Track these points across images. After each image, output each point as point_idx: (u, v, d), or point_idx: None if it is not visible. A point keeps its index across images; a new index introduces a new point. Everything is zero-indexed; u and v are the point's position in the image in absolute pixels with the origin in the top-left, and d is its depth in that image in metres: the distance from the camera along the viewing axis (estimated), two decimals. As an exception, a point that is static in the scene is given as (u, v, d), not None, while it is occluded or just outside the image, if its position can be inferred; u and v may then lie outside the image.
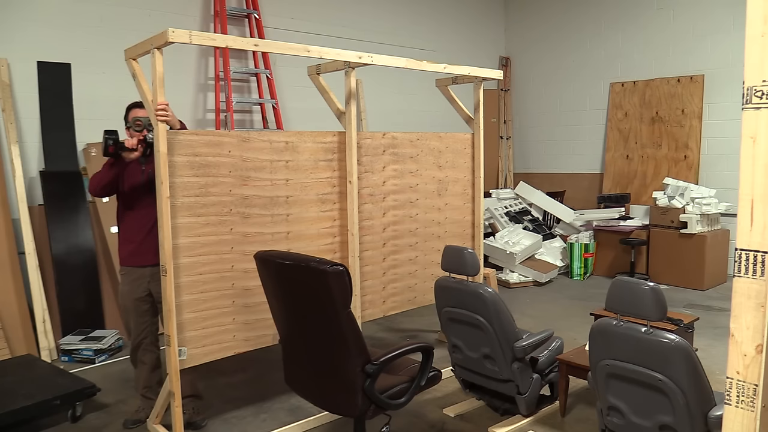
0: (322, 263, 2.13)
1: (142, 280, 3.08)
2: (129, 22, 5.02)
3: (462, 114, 4.19)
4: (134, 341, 3.17)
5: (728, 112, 6.29)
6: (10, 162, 4.41)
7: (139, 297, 3.09)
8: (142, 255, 3.06)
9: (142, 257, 3.07)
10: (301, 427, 3.11)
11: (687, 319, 3.52)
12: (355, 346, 2.21)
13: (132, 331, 3.17)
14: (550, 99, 8.05)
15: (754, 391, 1.21)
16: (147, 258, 3.04)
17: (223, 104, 5.54)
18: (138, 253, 3.07)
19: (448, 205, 4.11)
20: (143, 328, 3.15)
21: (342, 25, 6.50)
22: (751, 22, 1.16)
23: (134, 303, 3.10)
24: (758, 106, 1.17)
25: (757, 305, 1.19)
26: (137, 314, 3.12)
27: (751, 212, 1.19)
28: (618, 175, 7.22)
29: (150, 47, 2.59)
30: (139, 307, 3.11)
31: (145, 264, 3.06)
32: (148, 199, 2.99)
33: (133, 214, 3.09)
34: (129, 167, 3.04)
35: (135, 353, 3.20)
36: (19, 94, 4.56)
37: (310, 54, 2.94)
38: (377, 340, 4.52)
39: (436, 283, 3.10)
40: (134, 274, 3.09)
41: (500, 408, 3.19)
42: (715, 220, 6.04)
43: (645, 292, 2.12)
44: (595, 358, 2.32)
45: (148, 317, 3.15)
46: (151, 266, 3.03)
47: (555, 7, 7.88)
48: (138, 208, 3.07)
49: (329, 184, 3.43)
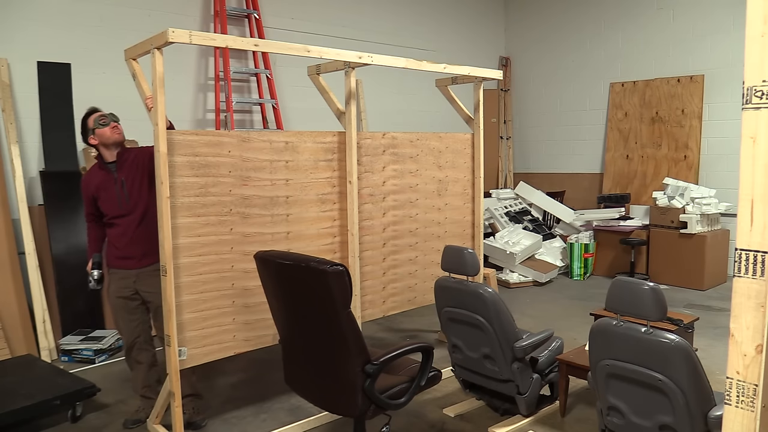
0: (322, 263, 2.13)
1: (128, 279, 3.09)
2: (129, 22, 5.02)
3: (462, 114, 4.19)
4: (127, 341, 3.18)
5: (728, 112, 6.29)
6: (10, 162, 4.41)
7: (125, 296, 3.10)
8: (127, 259, 3.08)
9: (126, 261, 3.08)
10: (301, 427, 3.11)
11: (687, 319, 3.52)
12: (355, 346, 2.21)
13: (123, 331, 3.18)
14: (550, 99, 8.05)
15: (754, 391, 1.21)
16: (131, 262, 3.07)
17: (223, 104, 5.54)
18: (123, 257, 3.09)
19: (448, 205, 4.11)
20: (134, 326, 3.15)
21: (342, 25, 6.50)
22: (751, 22, 1.16)
23: (122, 302, 3.10)
24: (758, 106, 1.17)
25: (757, 305, 1.19)
26: (126, 312, 3.12)
27: (751, 212, 1.19)
28: (618, 175, 7.22)
29: (150, 47, 2.59)
30: (128, 305, 3.11)
31: (130, 267, 3.08)
32: (124, 211, 3.04)
33: (114, 228, 3.10)
34: (104, 193, 3.05)
35: (130, 354, 3.20)
36: (19, 94, 4.57)
37: (310, 54, 2.94)
38: (377, 340, 4.52)
39: (436, 283, 3.10)
40: (120, 274, 3.11)
41: (500, 408, 3.19)
42: (715, 220, 6.04)
43: (645, 292, 2.12)
44: (595, 358, 2.32)
45: (138, 315, 3.15)
46: (137, 269, 3.07)
47: (555, 7, 7.88)
48: (117, 223, 3.08)
49: (329, 184, 3.43)
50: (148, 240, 3.00)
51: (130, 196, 3.03)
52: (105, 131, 3.00)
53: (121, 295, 3.09)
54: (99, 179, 3.05)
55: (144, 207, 3.04)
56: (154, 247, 2.82)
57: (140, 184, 3.05)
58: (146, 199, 3.04)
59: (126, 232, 3.05)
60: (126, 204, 3.03)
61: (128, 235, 3.05)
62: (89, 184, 3.09)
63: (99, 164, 3.08)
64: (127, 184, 3.03)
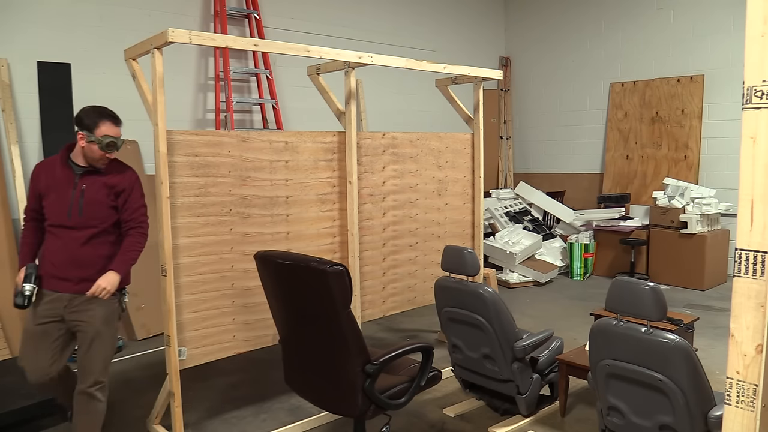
0: (322, 263, 2.13)
1: (56, 303, 2.54)
2: (129, 22, 5.02)
3: (462, 114, 4.19)
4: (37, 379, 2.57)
5: (728, 112, 6.29)
6: (10, 162, 4.41)
7: (47, 322, 2.53)
8: (61, 281, 2.54)
9: (60, 283, 2.54)
10: (301, 427, 3.11)
11: (687, 319, 3.52)
12: (355, 346, 2.21)
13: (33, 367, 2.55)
14: (550, 99, 8.05)
15: (754, 391, 1.21)
16: (66, 285, 2.54)
17: (223, 104, 5.54)
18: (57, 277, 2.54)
19: (448, 205, 4.11)
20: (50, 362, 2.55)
21: (342, 25, 6.50)
22: (751, 22, 1.16)
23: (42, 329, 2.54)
24: (758, 106, 1.17)
25: (757, 305, 1.19)
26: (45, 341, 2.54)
27: (751, 212, 1.19)
28: (618, 175, 7.22)
29: (150, 47, 2.59)
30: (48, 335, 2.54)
31: (63, 290, 2.54)
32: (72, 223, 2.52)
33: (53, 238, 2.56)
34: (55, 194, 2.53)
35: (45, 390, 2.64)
36: (19, 94, 4.56)
37: (310, 54, 2.94)
38: (377, 340, 4.52)
39: (436, 283, 3.10)
40: (49, 296, 2.55)
41: (500, 408, 3.19)
42: (715, 220, 6.04)
43: (645, 292, 2.12)
44: (595, 358, 2.32)
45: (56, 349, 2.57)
46: (71, 293, 2.54)
47: (555, 7, 7.88)
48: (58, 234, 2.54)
49: (329, 184, 3.43)
50: (91, 264, 2.53)
51: (85, 209, 2.51)
52: (99, 153, 2.51)
53: (43, 321, 2.53)
54: (55, 175, 2.53)
55: (97, 229, 2.55)
56: (97, 273, 2.50)
57: (102, 204, 2.55)
58: (103, 222, 2.56)
59: (66, 248, 2.52)
60: (77, 216, 2.50)
61: (68, 251, 2.52)
62: (40, 175, 2.56)
63: (62, 159, 2.55)
64: (87, 194, 2.52)
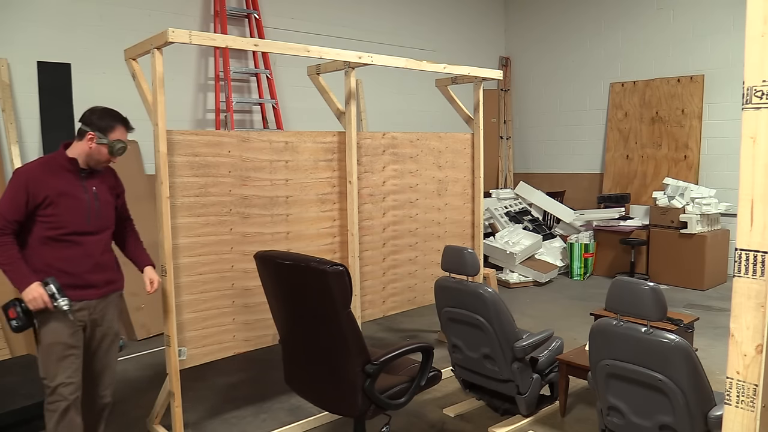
0: (322, 263, 2.13)
1: (82, 312, 2.42)
2: (129, 22, 5.02)
3: (462, 114, 4.19)
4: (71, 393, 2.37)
5: (728, 112, 6.29)
6: (10, 162, 4.41)
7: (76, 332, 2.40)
8: (87, 289, 2.42)
9: (86, 291, 2.41)
10: (301, 427, 3.11)
11: (687, 319, 3.52)
12: (355, 346, 2.21)
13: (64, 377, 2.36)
14: (550, 99, 8.05)
15: (754, 391, 1.21)
16: (92, 292, 2.43)
17: (223, 104, 5.54)
18: (80, 286, 2.39)
19: (448, 205, 4.11)
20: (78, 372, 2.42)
21: (342, 25, 6.50)
22: (751, 22, 1.16)
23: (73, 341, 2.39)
24: (758, 106, 1.17)
25: (757, 305, 1.19)
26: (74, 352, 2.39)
27: (751, 212, 1.19)
28: (618, 175, 7.22)
29: (150, 47, 2.59)
30: (77, 345, 2.41)
31: (90, 297, 2.43)
32: (92, 228, 2.42)
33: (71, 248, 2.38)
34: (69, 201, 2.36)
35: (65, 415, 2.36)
36: (19, 94, 4.56)
37: (309, 54, 2.94)
38: (377, 340, 4.52)
39: (436, 283, 3.10)
40: (77, 306, 2.39)
41: (500, 408, 3.19)
42: (715, 220, 6.04)
43: (645, 292, 2.12)
44: (595, 358, 2.32)
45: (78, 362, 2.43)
46: (97, 299, 2.46)
47: (555, 7, 7.88)
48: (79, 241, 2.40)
49: (329, 184, 3.43)
50: (110, 266, 2.52)
51: (102, 212, 2.45)
52: (106, 156, 2.41)
53: (72, 333, 2.37)
54: (63, 181, 2.35)
55: (111, 230, 2.54)
56: (114, 273, 2.53)
57: (111, 205, 2.52)
58: (113, 223, 2.54)
59: (89, 254, 2.40)
60: (95, 220, 2.43)
61: (92, 257, 2.41)
62: (47, 182, 2.31)
63: (66, 161, 2.38)
64: (100, 197, 2.45)
